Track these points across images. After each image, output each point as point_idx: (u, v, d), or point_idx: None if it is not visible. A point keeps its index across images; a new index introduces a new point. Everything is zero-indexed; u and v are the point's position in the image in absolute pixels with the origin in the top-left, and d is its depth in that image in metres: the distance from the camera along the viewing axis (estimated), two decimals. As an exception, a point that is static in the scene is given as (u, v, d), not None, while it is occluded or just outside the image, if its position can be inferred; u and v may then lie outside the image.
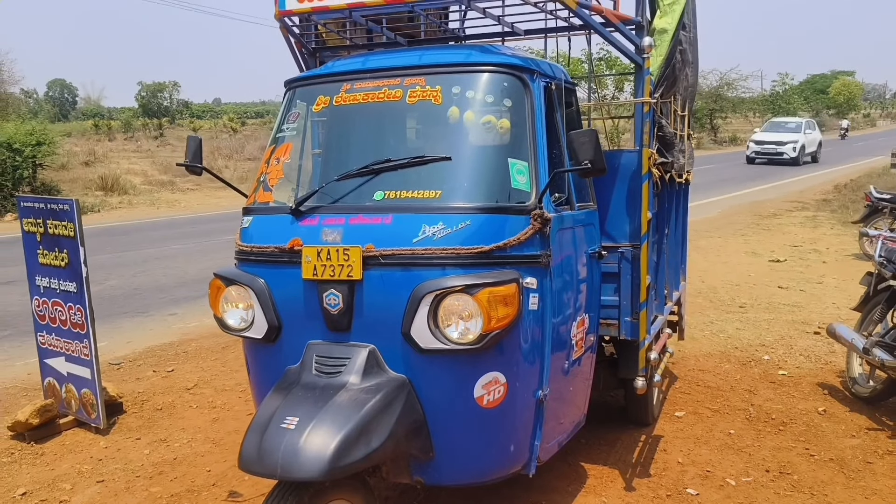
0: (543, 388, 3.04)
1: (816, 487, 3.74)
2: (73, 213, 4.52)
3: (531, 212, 2.91)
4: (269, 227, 3.15)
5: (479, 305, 2.69)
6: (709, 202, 17.44)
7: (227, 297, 3.13)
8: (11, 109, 30.66)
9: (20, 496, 3.86)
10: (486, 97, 3.10)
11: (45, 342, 4.93)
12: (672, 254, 4.80)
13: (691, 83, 4.77)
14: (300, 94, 3.48)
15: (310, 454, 2.49)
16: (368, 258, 2.82)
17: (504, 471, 3.07)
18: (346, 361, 2.85)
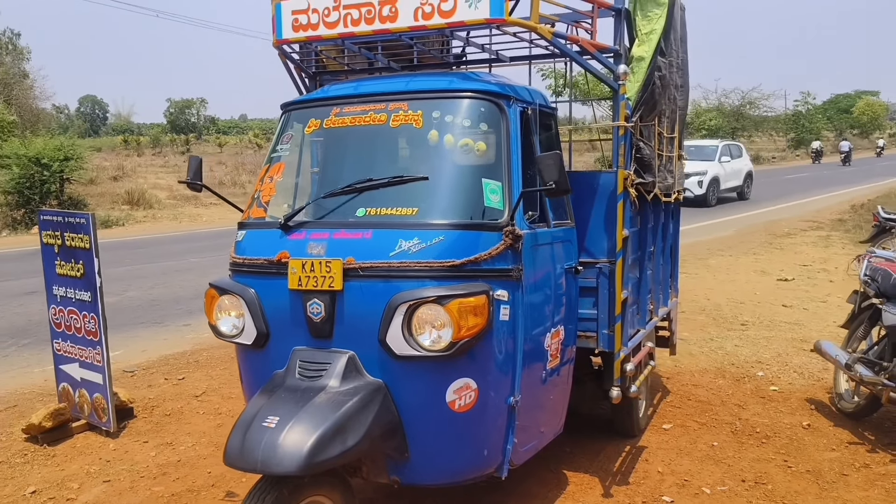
0: (515, 394, 3.20)
1: (789, 497, 3.86)
2: (89, 227, 4.79)
3: (503, 228, 3.09)
4: (260, 241, 3.37)
5: (450, 315, 2.87)
6: (724, 221, 17.49)
7: (220, 305, 3.36)
8: (42, 125, 31.48)
9: (30, 494, 4.09)
10: (464, 121, 3.32)
11: (60, 349, 5.19)
12: (659, 270, 4.95)
13: (681, 106, 4.94)
14: (294, 116, 3.72)
15: (287, 450, 2.68)
16: (349, 270, 3.02)
17: (477, 472, 3.24)
18: (326, 366, 3.04)
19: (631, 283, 4.19)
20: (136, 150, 40.58)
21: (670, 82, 4.47)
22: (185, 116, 63.37)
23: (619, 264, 3.85)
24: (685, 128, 5.44)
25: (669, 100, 4.55)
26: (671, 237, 5.36)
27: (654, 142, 4.29)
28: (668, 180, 4.69)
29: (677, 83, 4.75)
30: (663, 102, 4.34)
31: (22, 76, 34.25)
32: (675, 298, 5.58)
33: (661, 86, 4.17)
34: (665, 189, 4.62)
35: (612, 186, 3.85)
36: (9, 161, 18.68)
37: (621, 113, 3.79)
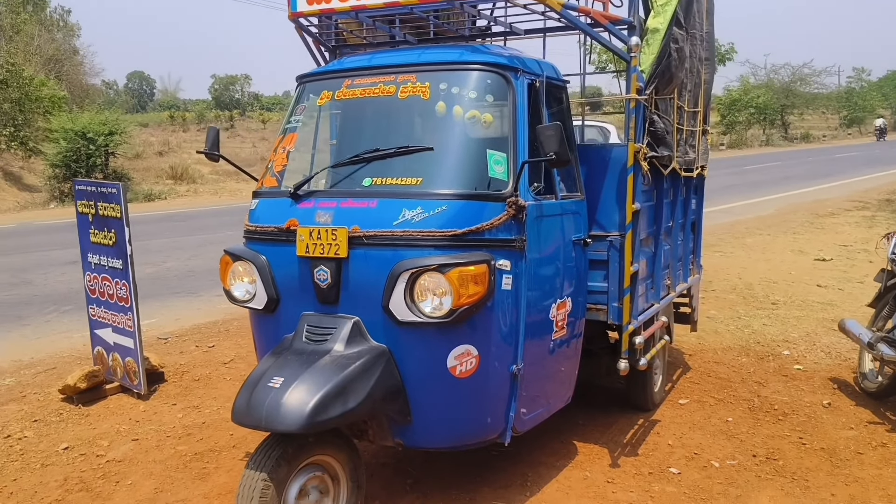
0: (518, 363, 3.26)
1: (799, 473, 3.86)
2: (119, 196, 4.95)
3: (506, 199, 3.13)
4: (271, 209, 3.47)
5: (450, 283, 2.94)
6: (766, 200, 17.17)
7: (234, 271, 3.48)
8: (90, 100, 32.22)
9: (63, 450, 4.30)
10: (471, 93, 3.35)
11: (95, 314, 5.40)
12: (678, 245, 4.91)
13: (706, 80, 4.86)
14: (309, 88, 3.79)
15: (290, 409, 2.79)
16: (354, 238, 3.10)
17: (479, 437, 3.32)
18: (332, 331, 3.14)
19: (644, 257, 4.18)
20: (182, 126, 41.26)
21: (691, 55, 4.40)
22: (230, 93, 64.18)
23: (629, 237, 3.85)
24: (710, 102, 5.35)
25: (691, 73, 4.48)
26: (693, 213, 5.30)
27: (672, 116, 4.24)
28: (690, 155, 4.64)
29: (701, 56, 4.67)
30: (682, 75, 4.28)
31: (72, 52, 35.01)
32: (698, 275, 5.54)
33: (678, 58, 4.11)
34: (685, 164, 4.58)
35: (624, 160, 3.85)
36: (57, 135, 19.24)
37: (633, 86, 3.76)
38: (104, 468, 4.05)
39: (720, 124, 46.55)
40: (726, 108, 45.66)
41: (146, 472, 4.00)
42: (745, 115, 45.38)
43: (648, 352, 4.23)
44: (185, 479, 3.90)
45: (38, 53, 29.35)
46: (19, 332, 6.92)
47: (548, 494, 3.63)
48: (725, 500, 3.58)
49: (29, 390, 5.27)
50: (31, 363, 5.95)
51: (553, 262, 3.52)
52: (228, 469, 3.99)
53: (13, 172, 22.85)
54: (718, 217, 14.30)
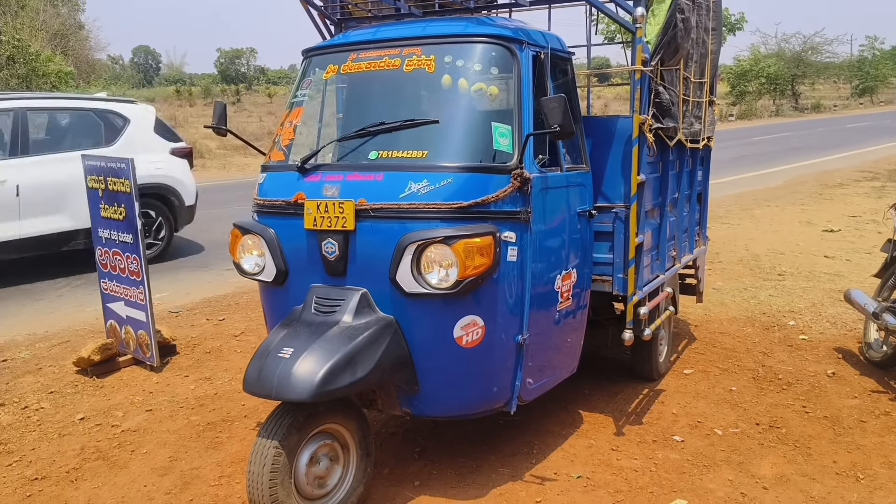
0: (523, 332, 3.32)
1: (802, 441, 3.91)
2: (129, 171, 5.00)
3: (511, 171, 3.17)
4: (279, 183, 3.51)
5: (456, 255, 2.99)
6: (775, 171, 17.09)
7: (243, 244, 3.53)
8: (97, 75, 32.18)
9: (78, 420, 4.40)
10: (476, 66, 3.36)
11: (107, 288, 5.48)
12: (684, 217, 4.93)
13: (713, 50, 4.84)
14: (314, 62, 3.80)
15: (300, 378, 2.86)
16: (361, 211, 3.15)
17: (486, 406, 3.39)
18: (340, 302, 3.19)
19: (650, 229, 4.20)
20: (188, 101, 41.21)
21: (697, 25, 4.38)
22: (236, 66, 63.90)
23: (634, 209, 3.87)
24: (717, 72, 5.32)
25: (697, 43, 4.46)
26: (699, 184, 5.31)
27: (678, 87, 4.23)
28: (695, 126, 4.64)
29: (707, 26, 4.64)
30: (688, 46, 4.26)
31: (77, 27, 34.93)
32: (704, 246, 5.56)
33: (683, 28, 4.09)
34: (691, 135, 4.58)
35: (629, 131, 3.85)
36: (64, 111, 19.22)
37: (638, 57, 3.76)
38: (119, 438, 4.15)
39: (730, 94, 46.10)
40: (736, 78, 45.19)
41: (160, 441, 4.09)
42: (755, 85, 44.90)
43: (653, 322, 4.27)
44: (198, 447, 3.99)
45: (43, 29, 29.30)
46: (33, 307, 7.02)
47: (553, 462, 3.70)
48: (728, 467, 3.64)
49: (44, 363, 5.37)
50: (45, 336, 6.05)
51: (558, 233, 3.55)
52: (241, 438, 4.08)
53: (22, 148, 22.92)
54: (726, 188, 14.26)
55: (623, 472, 3.60)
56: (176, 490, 3.54)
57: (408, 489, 3.47)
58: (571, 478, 3.55)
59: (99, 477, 3.71)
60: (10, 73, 21.75)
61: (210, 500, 3.42)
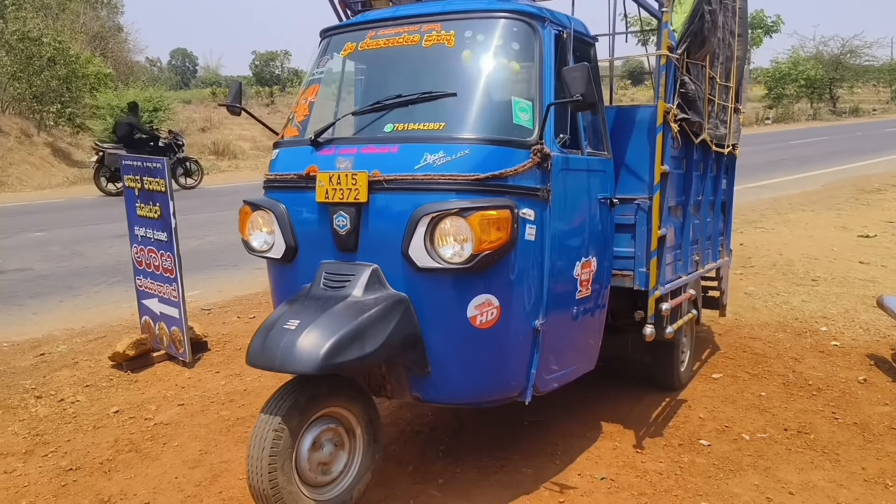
0: (540, 318, 3.20)
1: (830, 447, 3.86)
2: (164, 171, 5.11)
3: (531, 146, 3.08)
4: (291, 158, 3.43)
5: (472, 227, 2.88)
6: (811, 175, 16.85)
7: (252, 221, 3.44)
8: (135, 77, 32.79)
9: (113, 413, 4.51)
10: (496, 41, 3.30)
11: (142, 285, 5.60)
12: (707, 223, 4.85)
13: (738, 55, 4.80)
14: (333, 42, 3.74)
15: (305, 350, 2.77)
16: (374, 182, 3.06)
17: (499, 394, 3.27)
18: (350, 277, 3.10)
19: (672, 226, 4.11)
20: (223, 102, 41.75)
21: (723, 25, 4.33)
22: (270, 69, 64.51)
23: (657, 199, 3.77)
24: (743, 80, 5.26)
25: (724, 44, 4.41)
26: (724, 192, 5.22)
27: (703, 84, 4.18)
28: (721, 130, 4.59)
29: (734, 30, 4.60)
30: (714, 41, 4.19)
31: (116, 29, 35.60)
32: (727, 258, 5.47)
33: (710, 21, 4.02)
34: (716, 138, 4.53)
35: (653, 121, 3.77)
36: (103, 112, 19.68)
37: (664, 42, 3.69)
38: (152, 431, 4.25)
39: (766, 98, 45.47)
40: (774, 81, 44.55)
41: (191, 434, 4.18)
42: (793, 88, 44.21)
43: (675, 321, 4.18)
44: (227, 441, 4.07)
45: (83, 31, 29.91)
46: (71, 303, 7.20)
47: (577, 463, 3.71)
48: (754, 472, 3.61)
49: (81, 357, 5.51)
50: (82, 331, 6.20)
51: (578, 217, 3.46)
52: (269, 434, 4.15)
53: (62, 148, 23.46)
54: (762, 192, 14.09)
55: (648, 474, 3.59)
56: (206, 482, 3.62)
57: (432, 487, 3.50)
58: (595, 479, 3.55)
59: (132, 468, 3.80)
60: (51, 74, 22.23)
61: (238, 493, 3.48)
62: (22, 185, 19.05)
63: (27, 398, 4.75)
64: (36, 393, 4.82)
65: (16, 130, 22.03)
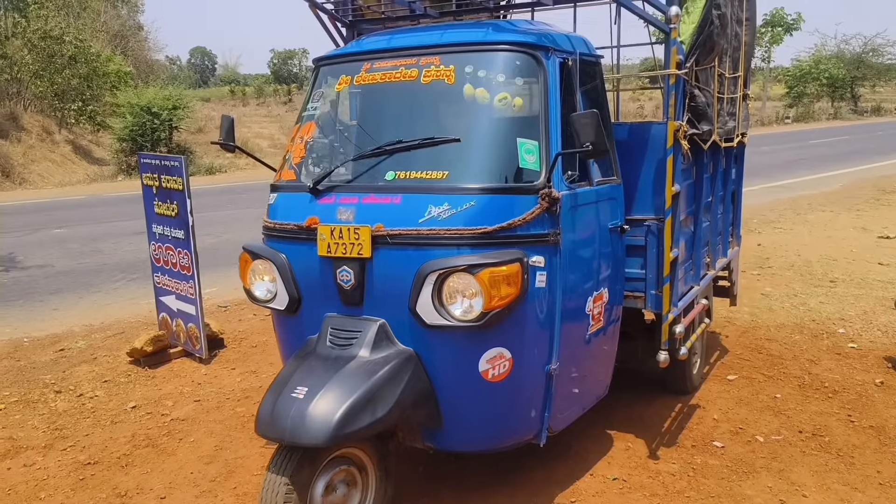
0: (553, 362, 3.11)
1: (845, 450, 3.84)
2: (181, 169, 5.17)
3: (539, 191, 2.94)
4: (290, 205, 3.28)
5: (481, 284, 2.78)
6: (831, 175, 16.69)
7: (254, 269, 3.31)
8: (154, 75, 33.09)
9: (130, 408, 4.57)
10: (498, 76, 3.13)
11: (159, 282, 5.67)
12: (718, 220, 4.78)
13: (746, 42, 4.69)
14: (326, 72, 3.59)
15: (315, 421, 2.65)
16: (377, 237, 2.93)
17: (513, 440, 3.21)
18: (357, 334, 2.98)
19: (683, 239, 4.01)
20: (242, 101, 42.05)
21: (731, 17, 4.19)
22: (288, 67, 64.84)
23: (668, 223, 3.65)
24: (751, 64, 5.13)
25: (732, 37, 4.30)
26: (733, 183, 5.11)
27: (713, 86, 4.08)
28: (730, 124, 4.48)
29: (740, 17, 4.46)
30: (723, 42, 4.07)
31: (137, 28, 35.96)
32: (737, 248, 5.39)
33: (719, 24, 3.90)
34: (725, 134, 4.43)
35: (663, 139, 3.64)
36: (123, 110, 19.89)
37: (672, 59, 3.54)
38: (169, 426, 4.30)
39: (787, 97, 45.06)
40: (795, 80, 44.14)
41: (207, 430, 4.22)
42: (813, 87, 43.78)
43: (688, 339, 4.08)
44: (242, 438, 4.11)
45: (104, 30, 30.25)
46: (90, 299, 7.30)
47: (589, 463, 3.71)
48: (767, 474, 3.60)
49: (99, 353, 5.58)
50: (101, 327, 6.29)
51: (589, 253, 3.35)
52: (283, 430, 4.18)
53: (83, 146, 23.77)
54: (780, 193, 13.99)
55: (660, 475, 3.59)
56: (221, 478, 3.66)
57: (443, 487, 3.52)
58: (607, 480, 3.55)
59: (148, 463, 3.85)
60: (72, 72, 22.52)
61: (253, 489, 3.52)
62: (43, 182, 19.31)
63: (47, 393, 4.82)
64: (55, 388, 4.90)
65: (37, 128, 22.34)
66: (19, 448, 4.06)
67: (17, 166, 19.40)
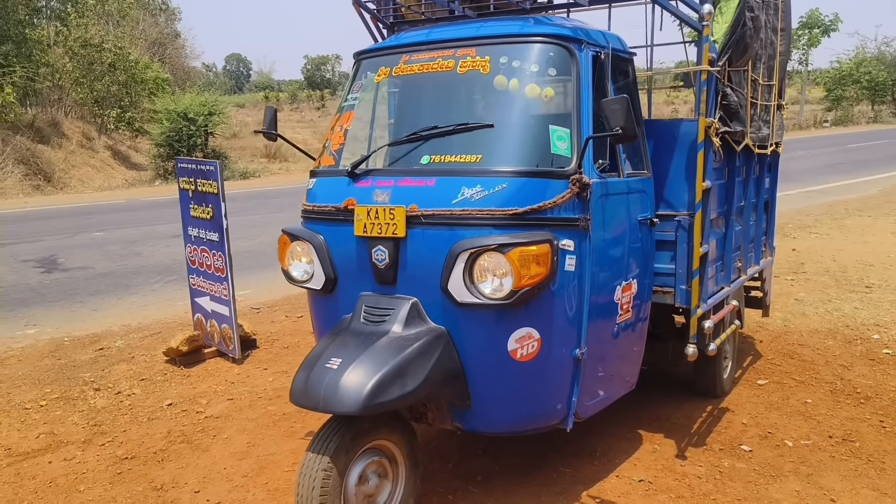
0: (581, 346, 3.17)
1: (876, 455, 3.80)
2: (217, 174, 5.29)
3: (570, 176, 3.03)
4: (329, 189, 3.41)
5: (511, 263, 2.86)
6: (870, 180, 16.40)
7: (292, 251, 3.44)
8: (191, 82, 33.67)
9: (167, 406, 4.69)
10: (532, 66, 3.24)
11: (195, 283, 5.80)
12: (751, 226, 4.77)
13: (782, 52, 4.70)
14: (366, 65, 3.71)
15: (348, 391, 2.76)
16: (412, 217, 3.04)
17: (540, 423, 3.26)
18: (390, 312, 3.08)
19: (714, 238, 4.05)
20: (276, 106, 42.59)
21: (765, 24, 4.22)
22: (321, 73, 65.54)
23: (698, 217, 3.71)
24: (786, 75, 5.15)
25: (766, 44, 4.32)
26: (766, 192, 5.12)
27: (746, 89, 4.10)
28: (764, 130, 4.50)
29: (776, 26, 4.47)
30: (756, 46, 4.10)
31: (174, 36, 36.61)
32: (770, 257, 5.37)
33: (752, 27, 3.94)
34: (759, 140, 4.45)
35: (694, 135, 3.71)
36: (160, 116, 20.29)
37: (704, 56, 3.61)
38: (203, 423, 4.41)
39: (825, 100, 44.30)
40: (834, 82, 43.39)
41: (240, 428, 4.32)
42: (853, 90, 42.99)
43: (718, 336, 4.11)
44: (274, 435, 4.20)
45: (142, 37, 30.88)
46: (129, 300, 7.48)
47: (615, 464, 3.73)
48: (796, 478, 3.58)
49: (137, 352, 5.73)
50: (138, 328, 6.45)
51: (618, 242, 3.41)
52: (313, 428, 4.25)
53: (122, 152, 24.29)
54: (817, 197, 13.79)
55: (686, 478, 3.59)
56: (252, 473, 3.75)
57: (472, 483, 3.57)
58: (633, 481, 3.56)
59: (183, 458, 3.96)
60: (112, 79, 23.04)
61: (283, 484, 3.60)
62: (84, 187, 19.77)
63: (86, 390, 4.97)
64: (95, 385, 5.05)
65: (78, 134, 22.89)
66: (60, 443, 4.19)
67: (59, 171, 19.90)
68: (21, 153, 18.99)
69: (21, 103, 21.02)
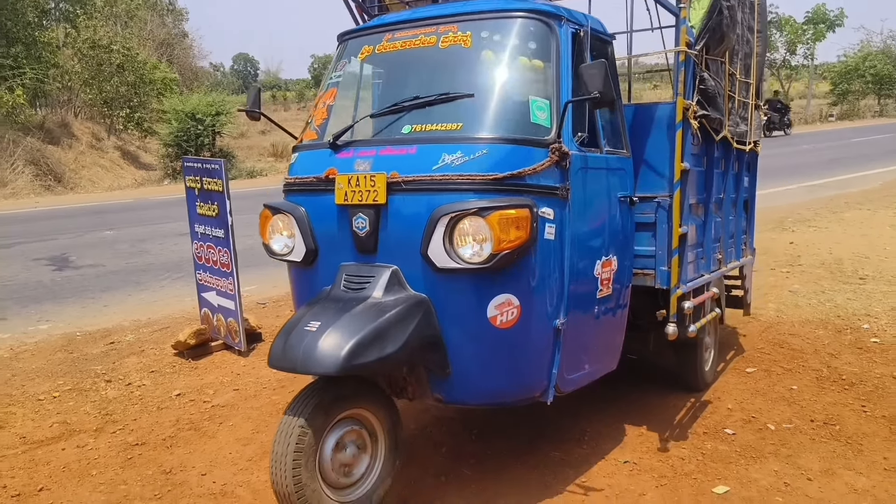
0: (561, 317, 3.20)
1: (855, 438, 3.94)
2: (221, 172, 5.47)
3: (549, 145, 3.09)
4: (310, 161, 3.46)
5: (491, 227, 2.89)
6: (872, 174, 16.42)
7: (273, 225, 3.47)
8: (198, 82, 33.91)
9: (175, 396, 4.88)
10: (513, 40, 3.34)
11: (201, 279, 5.98)
12: (730, 221, 4.87)
13: (758, 52, 4.83)
14: (350, 45, 3.78)
15: (326, 351, 2.78)
16: (392, 184, 3.08)
17: (521, 394, 3.28)
18: (370, 279, 3.12)
19: (694, 223, 4.13)
20: (283, 105, 42.82)
21: (742, 21, 4.34)
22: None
23: (677, 196, 3.75)
24: (763, 76, 5.27)
25: (743, 40, 4.44)
26: (746, 190, 5.24)
27: (724, 81, 4.21)
28: (742, 127, 4.62)
29: (752, 25, 4.60)
30: (733, 38, 4.20)
31: (181, 36, 36.89)
32: (751, 256, 5.48)
33: (729, 17, 4.04)
34: (737, 135, 4.56)
35: (672, 117, 3.78)
36: (169, 116, 20.53)
37: (682, 38, 3.69)
38: (210, 412, 4.59)
39: (830, 94, 44.19)
40: (839, 76, 43.27)
41: (245, 416, 4.50)
42: (859, 84, 42.85)
43: (698, 320, 4.20)
44: (277, 423, 4.30)
45: (150, 38, 31.14)
46: (138, 296, 7.68)
47: (603, 448, 3.89)
48: (775, 459, 3.73)
49: (147, 346, 5.92)
50: (148, 322, 6.64)
51: (598, 216, 3.46)
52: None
53: (131, 152, 24.56)
54: (819, 191, 13.87)
55: (670, 459, 3.75)
56: (256, 458, 3.93)
57: (464, 466, 3.73)
58: (619, 462, 3.72)
59: (191, 444, 4.14)
60: (121, 80, 23.30)
61: (285, 468, 3.77)
62: (93, 187, 20.04)
63: (98, 382, 5.16)
64: (106, 377, 5.24)
65: (87, 135, 23.17)
66: (73, 431, 4.38)
67: (69, 172, 20.17)
68: (32, 154, 19.27)
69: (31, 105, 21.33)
